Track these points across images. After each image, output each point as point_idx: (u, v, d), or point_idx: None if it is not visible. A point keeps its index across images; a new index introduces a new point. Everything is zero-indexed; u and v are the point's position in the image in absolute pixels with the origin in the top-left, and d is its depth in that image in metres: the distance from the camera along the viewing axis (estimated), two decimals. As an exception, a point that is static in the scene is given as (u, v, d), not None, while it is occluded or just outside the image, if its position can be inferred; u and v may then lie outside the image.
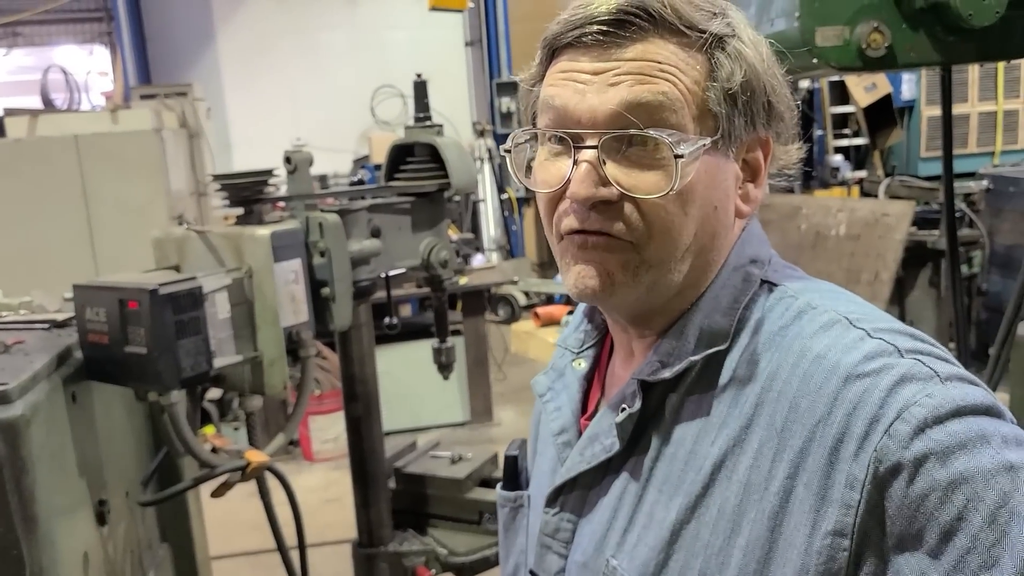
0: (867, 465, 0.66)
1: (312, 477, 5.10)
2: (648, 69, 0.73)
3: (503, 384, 6.19)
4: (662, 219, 0.74)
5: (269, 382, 1.49)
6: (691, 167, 0.73)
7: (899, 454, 0.65)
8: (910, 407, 0.65)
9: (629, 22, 0.73)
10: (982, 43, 2.05)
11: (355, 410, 1.87)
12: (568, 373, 0.92)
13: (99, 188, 5.32)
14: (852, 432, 0.67)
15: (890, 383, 0.67)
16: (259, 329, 1.48)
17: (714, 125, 0.75)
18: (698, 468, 0.75)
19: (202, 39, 9.26)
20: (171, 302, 1.33)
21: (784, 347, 0.74)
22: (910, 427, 0.65)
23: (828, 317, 0.74)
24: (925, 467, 0.64)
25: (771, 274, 0.81)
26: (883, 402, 0.66)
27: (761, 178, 0.80)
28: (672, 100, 0.73)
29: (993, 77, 7.63)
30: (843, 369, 0.69)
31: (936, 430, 0.64)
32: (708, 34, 0.74)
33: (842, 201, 6.05)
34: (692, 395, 0.78)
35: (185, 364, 1.36)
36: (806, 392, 0.71)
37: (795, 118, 0.80)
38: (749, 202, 0.80)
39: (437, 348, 2.04)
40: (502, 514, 1.01)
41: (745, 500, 0.72)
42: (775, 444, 0.71)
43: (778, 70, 0.78)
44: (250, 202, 1.60)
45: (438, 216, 1.95)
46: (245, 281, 1.48)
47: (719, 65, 0.74)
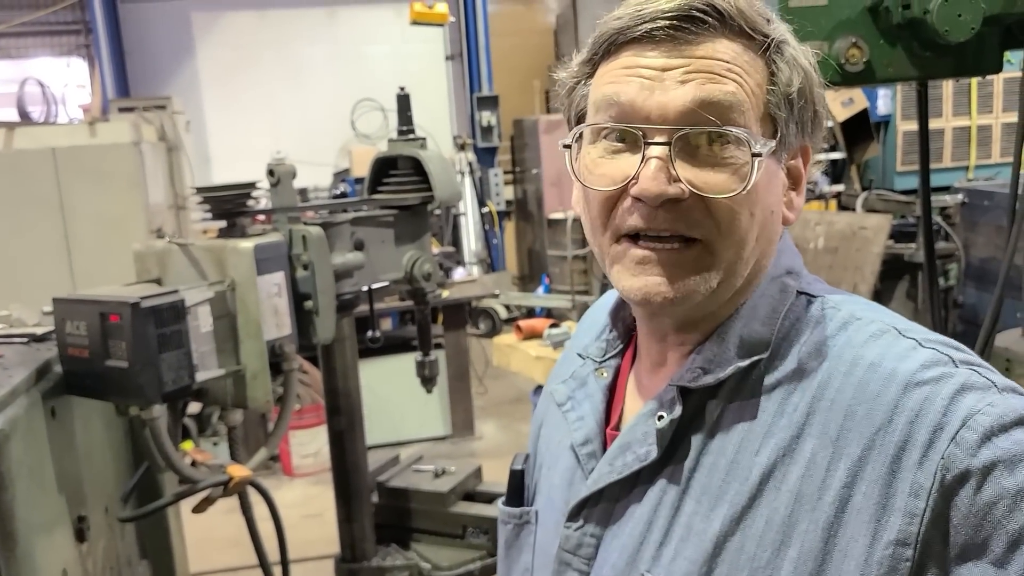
0: (934, 473, 0.65)
1: (292, 492, 5.05)
2: (718, 68, 0.72)
3: (484, 398, 6.17)
4: (731, 219, 0.73)
5: (252, 396, 1.47)
6: (761, 168, 0.73)
7: (967, 462, 0.64)
8: (975, 415, 0.65)
9: (700, 19, 0.72)
10: (958, 59, 2.09)
11: (338, 424, 1.85)
12: (591, 382, 0.89)
13: (76, 201, 5.26)
14: (915, 440, 0.66)
15: (951, 391, 0.67)
16: (242, 342, 1.47)
17: (773, 129, 0.75)
18: (743, 478, 0.73)
19: (181, 52, 9.22)
20: (153, 315, 1.32)
21: (834, 356, 0.73)
22: (977, 435, 0.64)
23: (876, 327, 0.74)
24: (993, 475, 0.64)
25: (806, 286, 0.80)
26: (946, 410, 0.66)
27: (802, 186, 0.80)
28: (740, 101, 0.72)
29: (967, 93, 7.77)
30: (901, 377, 0.69)
31: (1002, 438, 0.64)
32: (770, 38, 0.74)
33: (820, 214, 6.11)
34: (732, 403, 0.76)
35: (167, 378, 1.34)
36: (862, 400, 0.70)
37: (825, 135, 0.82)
38: (793, 209, 0.80)
39: (420, 361, 2.03)
40: (504, 531, 0.96)
41: (796, 511, 0.70)
42: (829, 453, 0.70)
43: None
44: (233, 215, 1.59)
45: (421, 229, 1.95)
46: (228, 294, 1.47)
47: (779, 70, 0.74)
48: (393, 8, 9.03)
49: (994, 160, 7.88)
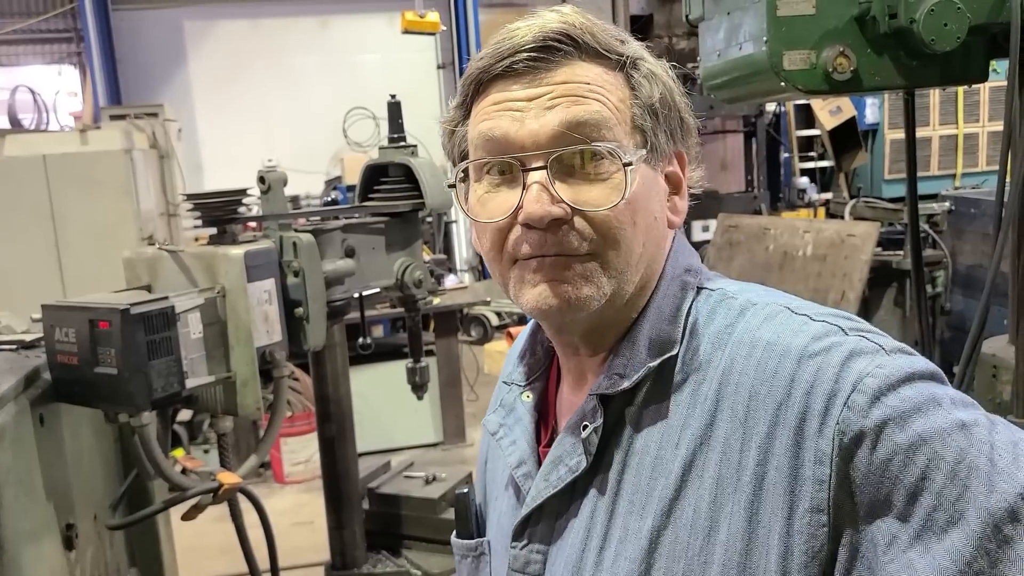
0: (832, 438, 0.68)
1: (283, 500, 5.03)
2: (579, 90, 0.77)
3: (475, 404, 6.17)
4: (615, 230, 0.77)
5: (242, 402, 1.47)
6: (636, 177, 0.77)
7: (860, 423, 0.67)
8: (864, 378, 0.68)
9: (555, 47, 0.77)
10: (944, 68, 2.10)
11: (329, 431, 1.85)
12: (518, 407, 0.91)
13: (68, 208, 5.25)
14: (813, 409, 0.69)
15: (841, 358, 0.70)
16: (232, 349, 1.47)
17: (643, 139, 0.79)
18: (667, 473, 0.76)
19: (173, 60, 9.22)
20: (143, 322, 1.32)
21: (734, 342, 0.77)
22: (867, 397, 0.68)
23: (770, 309, 0.78)
24: (885, 432, 0.67)
25: (705, 281, 0.84)
26: (837, 377, 0.69)
27: (683, 190, 0.84)
28: (606, 118, 0.77)
29: (953, 101, 7.83)
30: (794, 351, 0.72)
31: (891, 396, 0.67)
32: (624, 56, 0.79)
33: (808, 222, 6.14)
34: (650, 404, 0.79)
35: (157, 385, 1.34)
36: (763, 379, 0.73)
37: (698, 140, 0.85)
38: (677, 213, 0.84)
39: (411, 368, 2.03)
40: (464, 565, 0.96)
41: (720, 495, 0.73)
42: (741, 434, 0.73)
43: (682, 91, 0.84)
44: (223, 222, 1.59)
45: (412, 236, 1.95)
46: (218, 301, 1.47)
47: (639, 84, 0.79)
48: (385, 17, 9.04)
49: (981, 168, 7.94)
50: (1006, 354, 2.28)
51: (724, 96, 2.46)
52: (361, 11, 9.43)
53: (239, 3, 9.25)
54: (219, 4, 9.21)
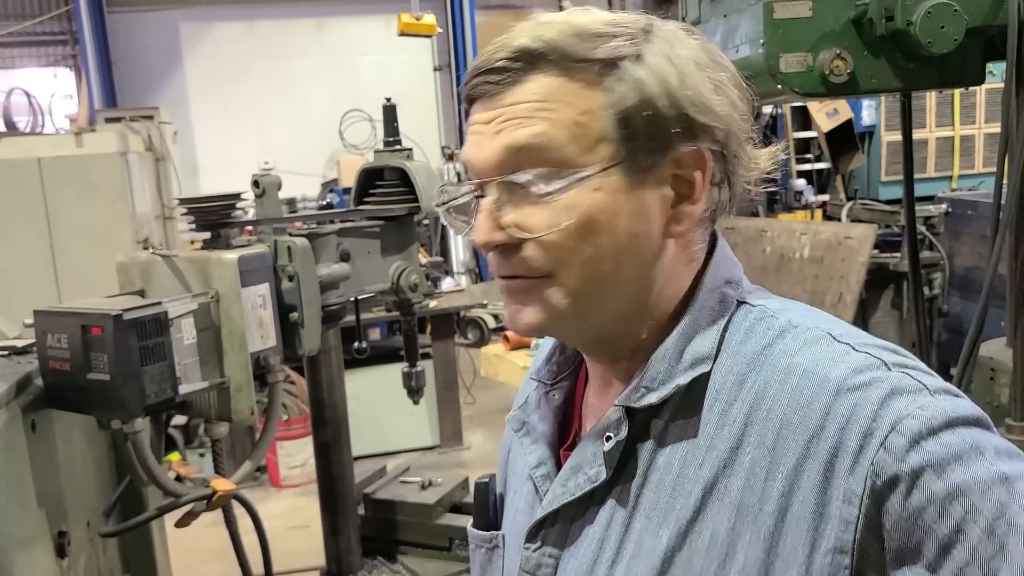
0: (864, 479, 0.65)
1: (279, 504, 5.01)
2: (525, 111, 0.74)
3: (472, 408, 6.15)
4: (566, 252, 0.74)
5: (236, 408, 1.46)
6: (589, 196, 0.73)
7: (896, 467, 0.65)
8: (904, 419, 0.65)
9: (507, 68, 0.75)
10: (941, 70, 2.10)
11: (324, 436, 1.84)
12: (543, 405, 0.90)
13: (62, 211, 5.23)
14: (846, 446, 0.67)
15: (881, 396, 0.67)
16: (226, 354, 1.46)
17: (611, 152, 0.74)
18: (687, 493, 0.74)
19: (169, 63, 9.21)
20: (135, 328, 1.30)
21: (770, 365, 0.74)
22: (905, 439, 0.65)
23: (812, 334, 0.74)
24: (922, 479, 0.64)
25: (746, 295, 0.80)
26: (876, 415, 0.66)
27: (696, 195, 0.77)
28: (550, 139, 0.73)
29: (950, 103, 7.84)
30: (832, 383, 0.69)
31: (931, 442, 0.64)
32: (594, 62, 0.73)
33: (805, 224, 6.14)
34: (677, 419, 0.77)
35: (150, 391, 1.33)
36: (796, 408, 0.70)
37: (746, 123, 0.78)
38: (680, 221, 0.77)
39: (407, 372, 2.02)
40: (478, 555, 0.95)
41: (739, 523, 0.71)
42: (767, 463, 0.70)
43: (714, 75, 0.76)
44: (217, 226, 1.58)
45: (408, 240, 1.95)
46: (212, 306, 1.46)
47: (610, 90, 0.74)
48: (382, 19, 9.04)
49: (977, 170, 7.95)
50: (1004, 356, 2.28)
51: (721, 99, 2.45)
52: (357, 13, 9.44)
53: (235, 5, 9.25)
54: (215, 6, 9.21)
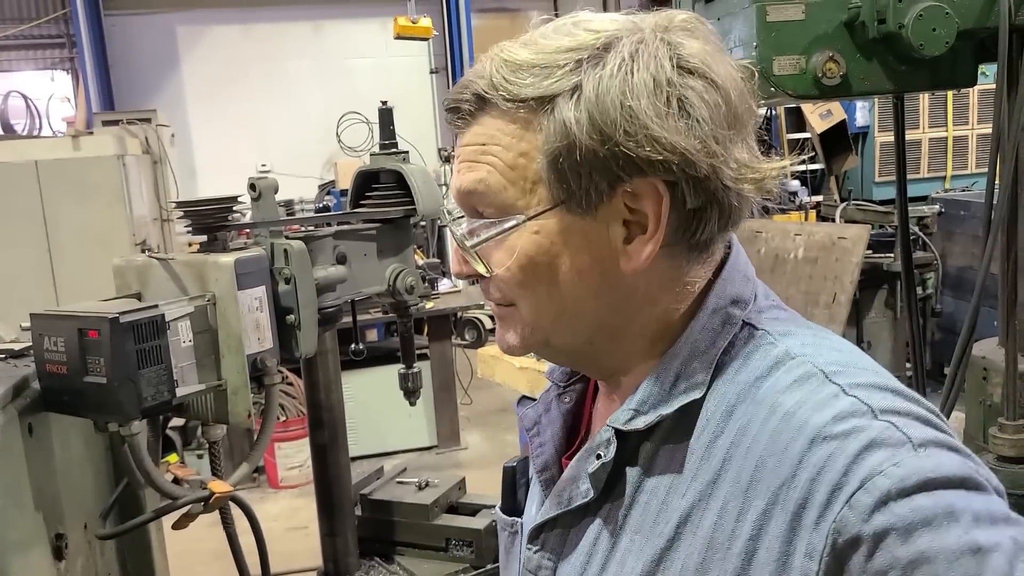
0: (826, 535, 0.63)
1: (277, 504, 5.02)
2: (473, 155, 0.75)
3: (469, 408, 6.16)
4: (516, 289, 0.76)
5: (233, 411, 1.47)
6: (521, 241, 0.74)
7: (859, 527, 0.62)
8: (874, 477, 0.62)
9: (459, 108, 0.76)
10: (933, 72, 2.11)
11: (321, 437, 1.85)
12: (554, 408, 0.90)
13: (60, 214, 5.23)
14: (814, 499, 0.64)
15: (857, 448, 0.64)
16: (223, 357, 1.47)
17: (547, 195, 0.73)
18: (667, 520, 0.73)
19: (166, 66, 9.20)
20: (132, 331, 1.31)
21: (758, 400, 0.71)
22: (872, 499, 0.62)
23: (804, 370, 0.71)
24: (886, 543, 0.61)
25: (753, 315, 0.77)
26: (847, 469, 0.63)
27: (652, 229, 0.73)
28: (490, 186, 0.74)
29: (943, 104, 7.87)
30: (810, 429, 0.66)
31: (901, 504, 0.61)
32: (526, 103, 0.72)
33: (800, 225, 6.15)
34: (667, 444, 0.76)
35: (147, 394, 1.34)
36: (773, 451, 0.68)
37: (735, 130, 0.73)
38: (630, 259, 0.74)
39: (404, 374, 2.03)
40: (502, 537, 0.97)
41: (708, 558, 0.70)
42: (740, 503, 0.69)
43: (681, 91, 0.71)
44: (214, 229, 1.59)
45: (404, 242, 1.96)
46: (208, 309, 1.47)
47: (543, 130, 0.72)
48: (378, 22, 9.04)
49: (970, 170, 7.98)
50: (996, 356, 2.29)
51: (714, 101, 2.46)
52: (354, 16, 9.43)
53: (232, 8, 9.24)
54: (212, 9, 9.20)
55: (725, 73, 0.73)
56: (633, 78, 0.70)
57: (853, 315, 5.46)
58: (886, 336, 5.68)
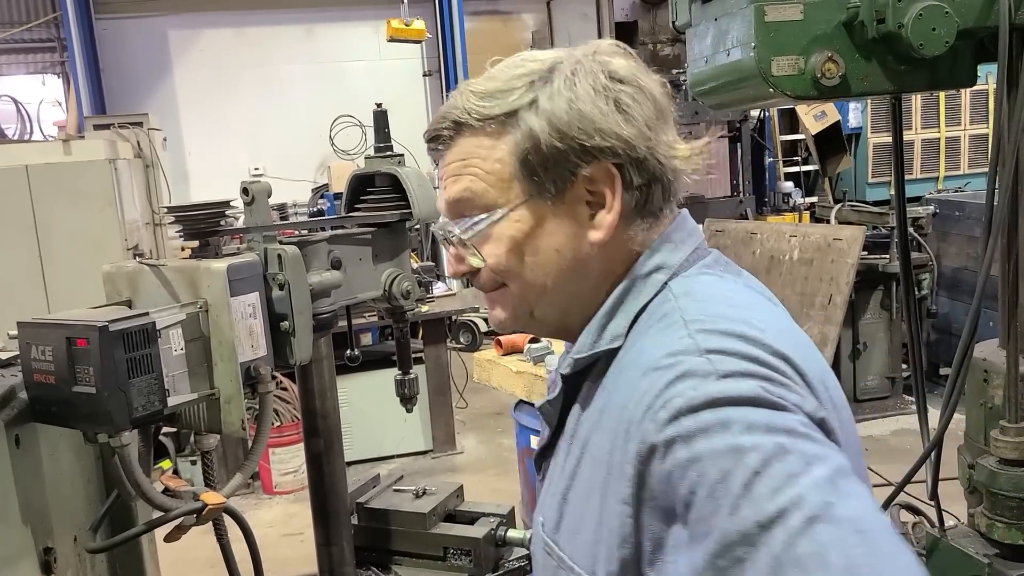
0: (636, 445, 0.78)
1: (271, 511, 4.98)
2: (457, 170, 0.93)
3: (465, 412, 6.13)
4: (507, 272, 0.93)
5: (226, 420, 1.44)
6: (507, 230, 0.91)
7: (654, 437, 0.76)
8: (673, 398, 0.76)
9: (440, 136, 0.93)
10: (932, 72, 2.10)
11: (316, 445, 1.81)
12: (557, 381, 1.02)
13: (51, 219, 5.19)
14: (635, 417, 0.79)
15: (670, 378, 0.77)
16: (215, 365, 1.44)
17: (521, 189, 0.91)
18: (580, 445, 0.90)
19: (158, 70, 9.15)
20: (122, 339, 1.28)
21: (636, 345, 0.87)
22: (667, 414, 0.75)
23: (673, 318, 0.85)
24: (672, 448, 0.74)
25: (677, 279, 0.91)
26: (659, 393, 0.77)
27: (610, 203, 0.89)
28: (474, 191, 0.92)
29: (935, 106, 7.88)
30: (645, 363, 0.81)
31: (688, 418, 0.74)
32: (495, 119, 0.90)
33: (795, 226, 6.15)
34: (595, 384, 0.91)
35: (137, 403, 1.30)
36: (622, 382, 0.85)
37: (660, 121, 0.90)
38: (599, 229, 0.90)
39: (400, 380, 2.00)
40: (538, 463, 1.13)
41: (595, 471, 0.85)
42: (612, 424, 0.84)
43: (615, 94, 0.88)
44: (206, 234, 1.56)
45: (400, 246, 1.93)
46: (201, 316, 1.44)
47: (512, 138, 0.90)
48: (371, 25, 9.02)
49: (963, 171, 8.00)
50: (996, 358, 2.28)
51: (712, 102, 2.44)
52: (347, 19, 9.41)
53: (224, 12, 9.21)
54: (204, 13, 9.16)
55: (648, 80, 0.92)
56: (577, 88, 0.88)
57: (849, 316, 5.45)
58: (882, 337, 5.67)
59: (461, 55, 9.33)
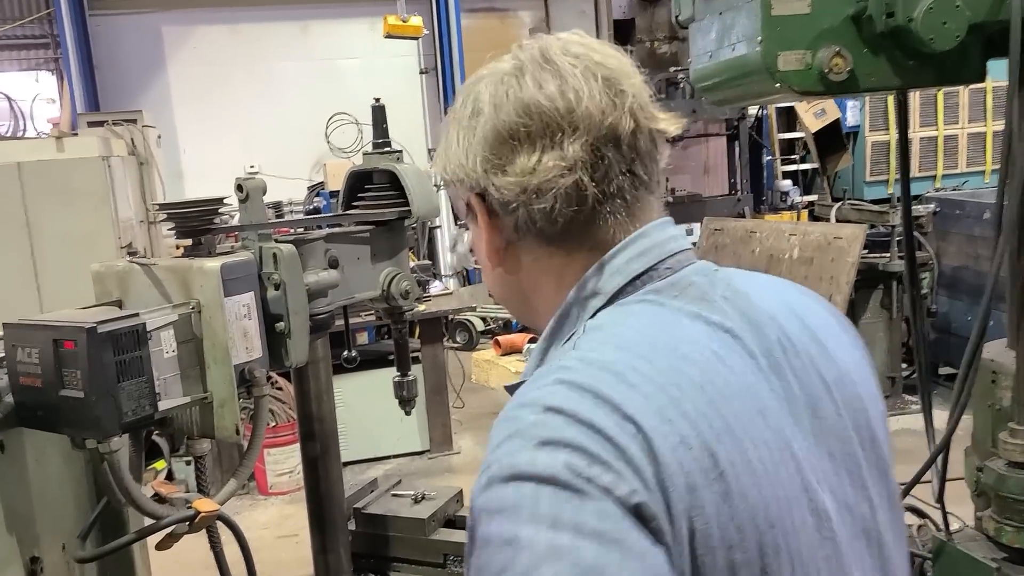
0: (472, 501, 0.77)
1: (267, 512, 4.93)
2: None
3: (462, 412, 6.08)
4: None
5: (219, 424, 1.39)
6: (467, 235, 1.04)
7: (475, 500, 0.76)
8: (493, 464, 0.75)
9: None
10: (941, 68, 2.06)
11: (312, 449, 1.76)
12: None
13: (43, 217, 5.12)
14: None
15: (505, 435, 0.76)
16: (208, 368, 1.39)
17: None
18: None
19: (152, 67, 9.09)
20: (111, 341, 1.24)
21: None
22: (485, 480, 0.75)
23: (556, 364, 0.83)
24: (479, 519, 0.74)
25: (613, 306, 0.87)
26: (493, 450, 0.76)
27: (483, 226, 0.93)
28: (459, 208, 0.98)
29: (933, 104, 7.86)
30: (510, 403, 0.81)
31: (494, 489, 0.73)
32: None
33: (794, 225, 6.11)
34: None
35: (127, 408, 1.26)
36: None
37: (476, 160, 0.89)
38: (488, 252, 0.94)
39: (399, 382, 1.95)
40: None
41: None
42: None
43: (464, 125, 0.91)
44: (199, 232, 1.51)
45: (398, 245, 1.88)
46: (193, 317, 1.39)
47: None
48: (367, 22, 8.96)
49: (961, 169, 7.98)
50: (1005, 359, 2.24)
51: (716, 98, 2.40)
52: (343, 16, 9.35)
53: (219, 8, 9.14)
54: (198, 9, 9.09)
55: (497, 101, 0.89)
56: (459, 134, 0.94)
57: (849, 315, 5.40)
58: (882, 336, 5.63)
59: (458, 53, 9.28)
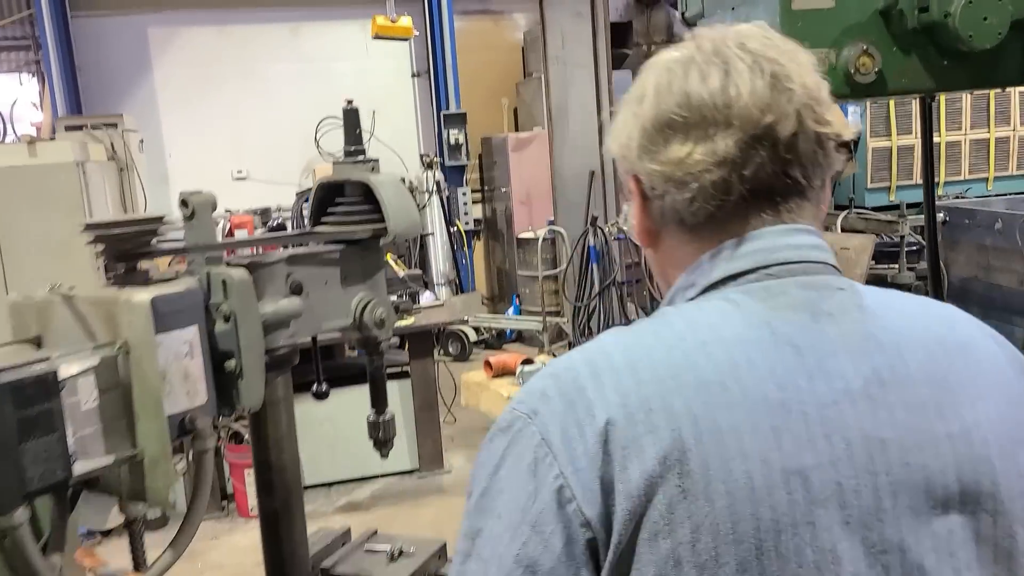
0: None
1: (247, 536, 4.69)
2: None
3: (453, 427, 5.85)
4: None
5: (151, 487, 1.17)
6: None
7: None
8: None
9: None
10: (977, 68, 1.87)
11: (270, 504, 1.54)
12: None
13: (14, 225, 4.92)
14: None
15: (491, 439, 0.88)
16: (138, 420, 1.17)
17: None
18: None
19: (137, 69, 8.88)
20: (12, 394, 1.02)
21: None
22: None
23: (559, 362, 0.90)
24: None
25: (694, 300, 0.92)
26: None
27: (636, 206, 0.98)
28: None
29: (936, 110, 7.68)
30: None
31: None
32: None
33: (799, 234, 5.92)
34: None
35: (32, 473, 1.04)
36: None
37: (644, 138, 0.92)
38: (639, 229, 0.99)
39: (373, 422, 1.73)
40: None
41: None
42: None
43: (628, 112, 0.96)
44: (132, 257, 1.29)
45: (373, 266, 1.66)
46: (120, 359, 1.17)
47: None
48: (358, 24, 8.75)
49: (963, 176, 7.81)
50: None
51: (727, 102, 2.21)
52: (333, 18, 9.17)
53: (206, 10, 8.94)
54: (185, 11, 8.89)
55: (652, 96, 0.93)
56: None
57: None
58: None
59: (451, 55, 9.11)
